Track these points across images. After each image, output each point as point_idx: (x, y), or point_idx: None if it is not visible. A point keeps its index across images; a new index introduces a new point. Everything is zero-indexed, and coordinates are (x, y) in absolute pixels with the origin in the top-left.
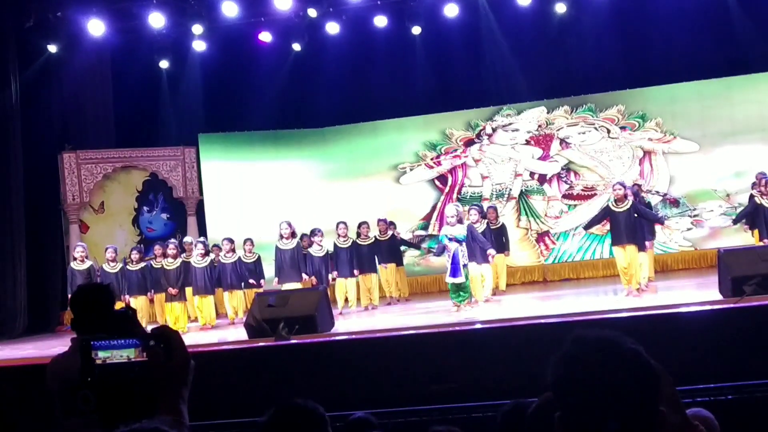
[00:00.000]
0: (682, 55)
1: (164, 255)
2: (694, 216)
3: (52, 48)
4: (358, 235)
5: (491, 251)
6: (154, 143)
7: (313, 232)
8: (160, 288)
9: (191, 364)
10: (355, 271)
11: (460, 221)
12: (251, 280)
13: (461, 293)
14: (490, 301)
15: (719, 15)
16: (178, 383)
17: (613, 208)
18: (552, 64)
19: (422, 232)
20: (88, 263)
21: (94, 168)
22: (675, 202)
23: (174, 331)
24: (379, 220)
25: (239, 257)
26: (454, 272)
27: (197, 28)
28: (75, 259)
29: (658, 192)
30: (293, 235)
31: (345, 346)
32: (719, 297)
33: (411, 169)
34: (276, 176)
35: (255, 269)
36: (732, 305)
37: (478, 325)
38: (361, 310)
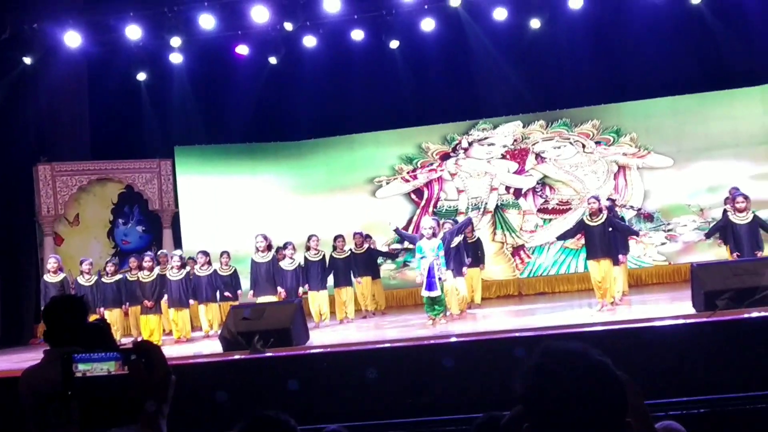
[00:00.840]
0: (656, 71)
1: (140, 267)
2: (668, 231)
3: (28, 60)
4: (334, 248)
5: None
6: (130, 156)
7: (285, 246)
8: (135, 301)
9: (172, 380)
10: (327, 284)
11: (434, 234)
12: (227, 293)
13: (436, 307)
14: (465, 315)
15: (693, 32)
16: (158, 398)
17: (587, 222)
18: (527, 79)
19: (398, 246)
20: (61, 275)
21: (69, 180)
22: (649, 217)
23: (155, 346)
24: (355, 234)
25: (215, 270)
26: (430, 286)
27: (174, 41)
28: (48, 271)
29: (632, 206)
30: (269, 248)
31: (320, 360)
32: (692, 311)
33: (387, 183)
34: (252, 189)
35: (231, 282)
36: (705, 319)
37: (453, 339)
38: (336, 324)
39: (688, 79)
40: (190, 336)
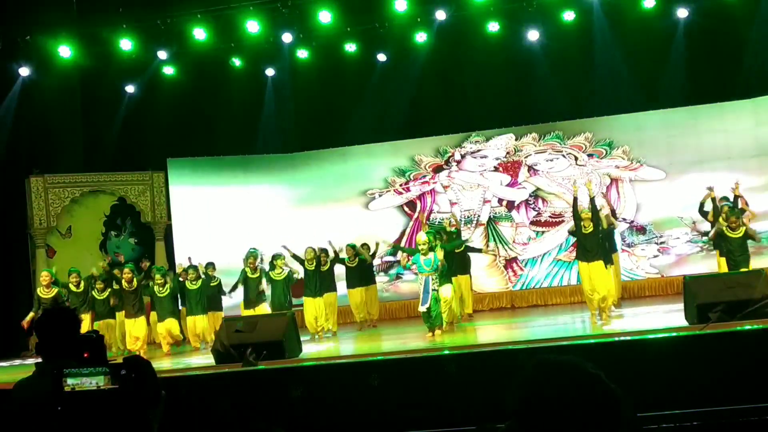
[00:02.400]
0: (648, 84)
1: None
2: (661, 243)
3: (21, 71)
4: (321, 261)
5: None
6: (123, 168)
7: (275, 257)
8: (120, 308)
9: (162, 395)
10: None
11: (431, 249)
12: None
13: (431, 320)
14: (454, 327)
15: (685, 45)
16: (148, 414)
17: (583, 231)
18: (520, 92)
19: (390, 258)
20: (54, 289)
21: (61, 192)
22: (642, 229)
23: (146, 362)
24: (348, 246)
25: (205, 281)
26: (424, 301)
27: (167, 53)
28: (41, 285)
29: (624, 219)
30: (256, 267)
31: (312, 372)
32: (685, 324)
33: (380, 195)
34: (245, 202)
35: (217, 293)
36: (697, 332)
37: (446, 352)
38: (327, 336)
39: (679, 93)
40: (178, 338)
